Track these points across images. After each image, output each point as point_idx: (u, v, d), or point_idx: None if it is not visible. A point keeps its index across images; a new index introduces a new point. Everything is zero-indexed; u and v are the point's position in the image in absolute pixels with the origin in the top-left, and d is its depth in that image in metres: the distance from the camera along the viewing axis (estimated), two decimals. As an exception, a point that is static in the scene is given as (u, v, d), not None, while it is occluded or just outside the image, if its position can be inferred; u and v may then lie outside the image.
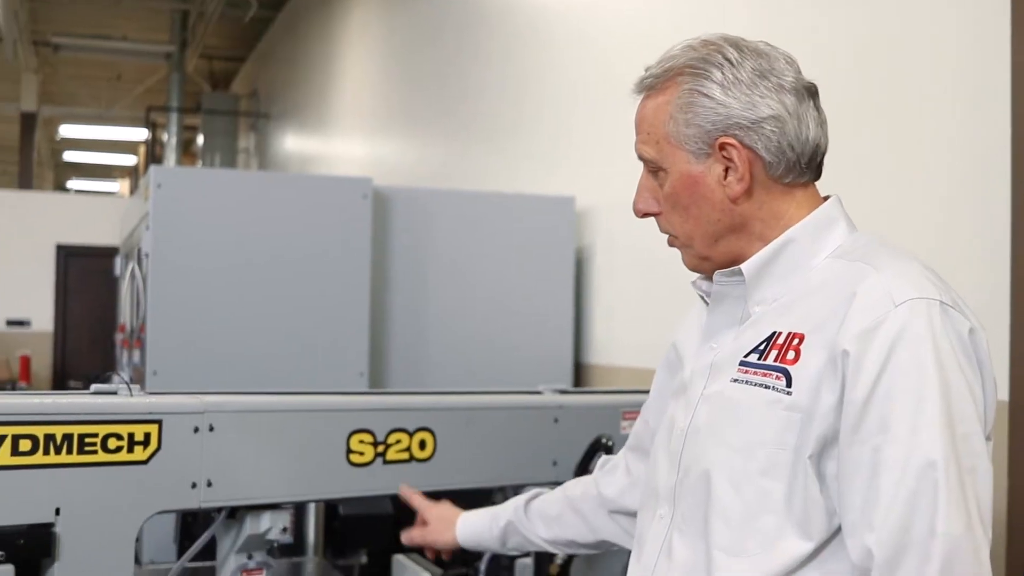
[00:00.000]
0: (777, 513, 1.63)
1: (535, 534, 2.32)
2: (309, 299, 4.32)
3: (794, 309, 1.70)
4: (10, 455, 2.03)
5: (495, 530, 2.37)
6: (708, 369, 1.79)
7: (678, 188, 1.76)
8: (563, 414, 2.86)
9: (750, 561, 1.64)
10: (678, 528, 1.75)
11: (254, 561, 2.45)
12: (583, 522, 2.26)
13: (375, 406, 2.57)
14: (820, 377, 1.60)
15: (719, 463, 1.69)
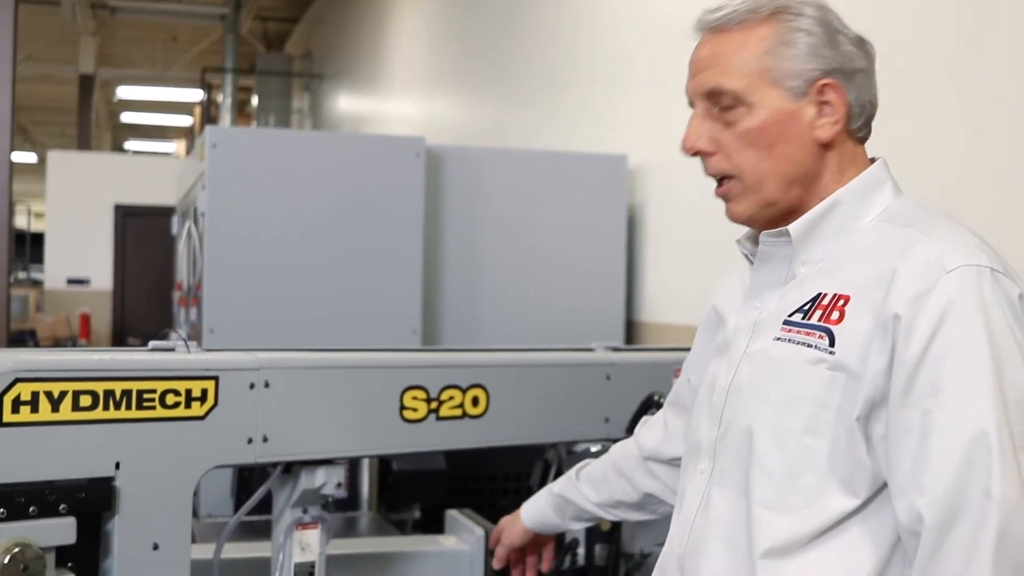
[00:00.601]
0: (819, 470, 1.64)
1: (586, 499, 2.34)
2: (362, 257, 4.35)
3: (840, 271, 1.70)
4: (71, 410, 2.07)
5: (552, 504, 2.40)
6: (751, 328, 1.79)
7: (767, 124, 1.73)
8: (615, 371, 2.86)
9: (792, 517, 1.65)
10: (717, 483, 1.76)
11: (309, 515, 2.48)
12: (626, 481, 2.28)
13: (428, 363, 2.59)
14: (868, 340, 1.60)
15: (761, 420, 1.70)
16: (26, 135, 22.02)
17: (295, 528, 2.47)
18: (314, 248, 4.30)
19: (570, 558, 2.83)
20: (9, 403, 1.99)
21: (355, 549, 2.98)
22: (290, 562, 2.47)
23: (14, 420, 2.00)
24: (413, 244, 4.41)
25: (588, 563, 2.87)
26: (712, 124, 1.76)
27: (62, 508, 2.05)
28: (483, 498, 3.71)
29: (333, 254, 4.31)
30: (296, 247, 4.28)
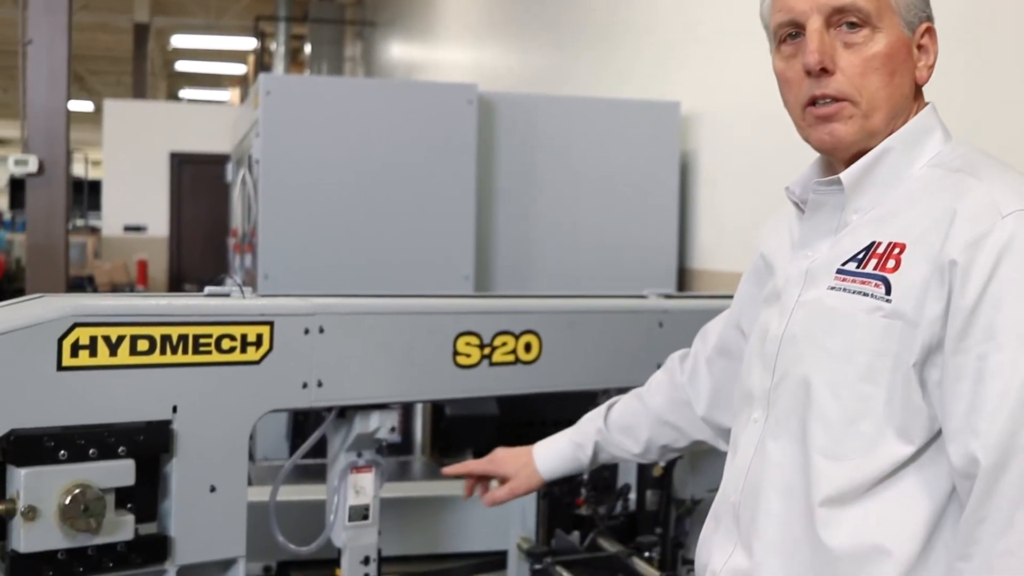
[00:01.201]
0: (876, 418, 1.63)
1: (626, 451, 2.33)
2: (415, 203, 4.35)
3: (894, 219, 1.68)
4: (129, 355, 2.10)
5: (583, 457, 2.36)
6: (803, 276, 1.78)
7: (893, 51, 1.70)
8: (668, 318, 2.85)
9: (850, 465, 1.64)
10: (772, 432, 1.76)
11: (363, 459, 2.50)
12: (674, 430, 2.28)
13: (481, 309, 2.60)
14: (925, 287, 1.59)
15: (818, 369, 1.69)
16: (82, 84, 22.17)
17: (349, 472, 2.49)
18: (367, 194, 4.31)
19: (621, 503, 2.84)
20: (68, 347, 2.02)
21: (408, 493, 3.02)
22: (345, 505, 2.50)
23: (73, 364, 2.03)
24: (465, 191, 4.41)
25: (639, 508, 2.88)
26: (835, 44, 1.70)
27: (121, 451, 2.08)
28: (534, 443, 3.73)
29: (386, 200, 4.32)
30: (349, 193, 4.29)
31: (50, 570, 2.02)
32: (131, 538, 2.10)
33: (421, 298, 2.57)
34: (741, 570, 1.76)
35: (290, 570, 2.76)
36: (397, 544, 2.79)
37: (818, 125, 1.74)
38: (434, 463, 3.81)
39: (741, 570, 1.76)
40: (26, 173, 6.64)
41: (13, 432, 1.97)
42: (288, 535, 2.45)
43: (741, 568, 1.76)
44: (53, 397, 2.01)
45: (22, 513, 1.97)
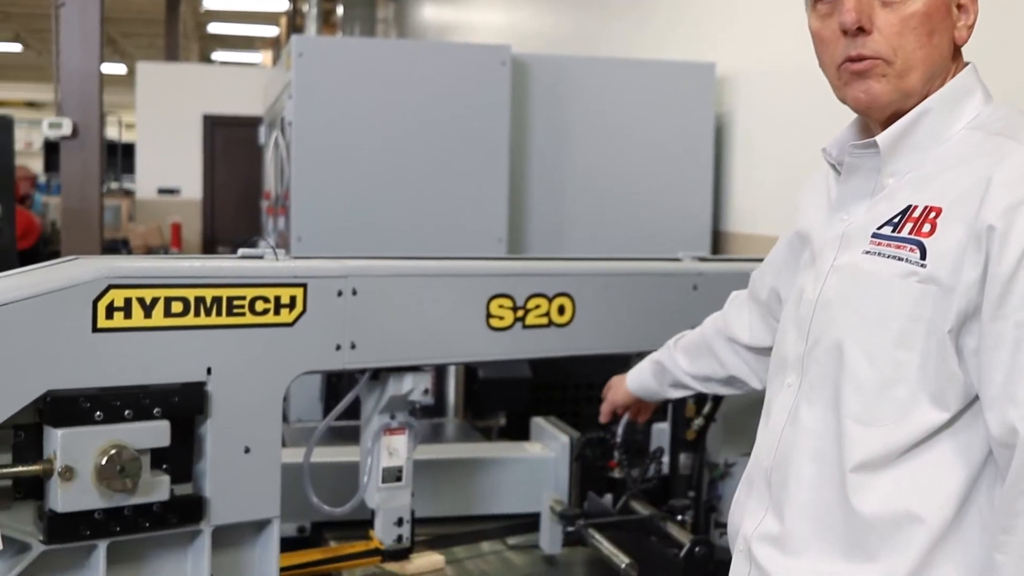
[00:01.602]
0: (910, 384, 1.62)
1: (680, 370, 2.42)
2: (448, 166, 4.34)
3: (931, 182, 1.66)
4: (163, 316, 2.10)
5: (652, 372, 2.50)
6: (839, 240, 1.76)
7: (931, 11, 1.67)
8: (702, 281, 2.84)
9: (883, 431, 1.63)
10: (805, 397, 1.75)
11: (397, 421, 2.51)
12: (715, 359, 2.33)
13: (515, 271, 2.59)
14: (961, 252, 1.57)
15: (852, 334, 1.67)
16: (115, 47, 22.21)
17: (383, 433, 2.50)
18: (400, 156, 4.30)
19: (655, 466, 2.84)
20: (103, 309, 2.03)
21: (442, 455, 3.02)
22: (378, 466, 2.51)
23: (108, 326, 2.04)
24: (499, 153, 4.39)
25: (672, 472, 2.88)
26: (867, 1, 1.68)
27: (156, 412, 2.10)
28: (567, 406, 3.73)
29: (419, 162, 4.32)
30: (382, 155, 4.28)
31: (87, 529, 2.04)
32: (167, 498, 2.12)
33: (454, 260, 2.57)
34: (772, 535, 1.76)
35: (324, 531, 2.77)
36: (430, 506, 2.80)
37: (853, 82, 1.71)
38: (467, 425, 3.82)
39: (772, 535, 1.76)
40: (60, 136, 6.67)
41: (49, 393, 1.99)
42: (322, 496, 2.46)
43: (772, 533, 1.76)
44: (88, 359, 2.02)
45: (59, 473, 1.98)
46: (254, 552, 2.31)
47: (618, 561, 2.53)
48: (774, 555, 1.74)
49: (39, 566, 2.04)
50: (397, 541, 2.56)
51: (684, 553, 2.49)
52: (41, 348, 1.97)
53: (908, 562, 1.60)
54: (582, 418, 3.35)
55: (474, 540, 2.87)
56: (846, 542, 1.66)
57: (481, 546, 2.87)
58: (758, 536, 1.78)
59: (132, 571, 2.16)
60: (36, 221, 11.00)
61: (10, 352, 1.93)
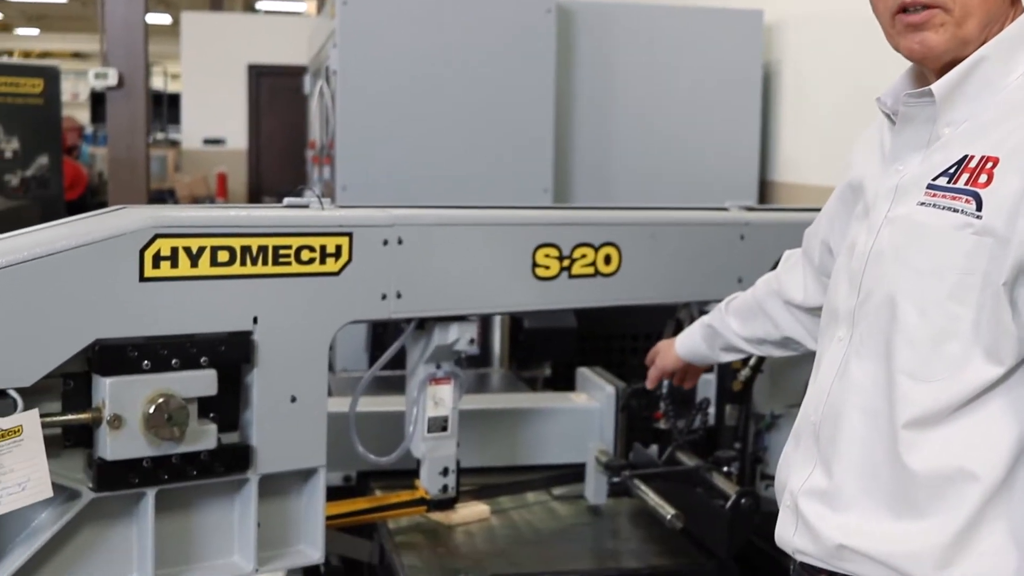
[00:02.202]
0: (964, 338, 1.58)
1: (732, 332, 2.37)
2: (494, 114, 4.32)
3: (988, 132, 1.61)
4: (209, 265, 2.10)
5: (703, 335, 2.44)
6: (893, 192, 1.71)
7: None
8: (749, 231, 2.81)
9: (936, 386, 1.60)
10: (856, 351, 1.71)
11: (442, 371, 2.51)
12: (769, 320, 2.28)
13: (561, 220, 2.57)
14: (1018, 203, 1.53)
15: (905, 287, 1.64)
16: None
17: (428, 383, 2.50)
18: (445, 105, 4.28)
19: (701, 417, 2.82)
20: (150, 258, 2.03)
21: (487, 405, 3.03)
22: (424, 416, 2.51)
23: (155, 275, 2.04)
24: (544, 102, 4.36)
25: (718, 423, 2.87)
26: None
27: (203, 361, 2.10)
28: (613, 356, 3.72)
29: (464, 111, 4.30)
30: (427, 104, 4.27)
31: (136, 477, 2.05)
32: (214, 447, 2.13)
33: (500, 210, 2.55)
34: (819, 490, 1.73)
35: (369, 480, 2.79)
36: (475, 455, 2.81)
37: (908, 33, 1.67)
38: (512, 375, 3.82)
39: (819, 490, 1.73)
40: (106, 86, 6.70)
41: (98, 342, 2.00)
42: (368, 446, 2.47)
43: (819, 488, 1.73)
44: (136, 308, 2.03)
45: (108, 421, 2.00)
46: (300, 501, 2.32)
47: (663, 512, 2.52)
48: (821, 510, 1.72)
49: (89, 513, 2.06)
50: (442, 491, 2.57)
51: (730, 504, 2.48)
52: (89, 297, 1.97)
53: (959, 519, 1.58)
54: (627, 369, 3.33)
55: (519, 490, 2.88)
56: (894, 499, 1.64)
57: (526, 496, 2.88)
58: (805, 491, 1.76)
59: (180, 519, 2.18)
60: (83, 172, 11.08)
61: (59, 301, 1.94)
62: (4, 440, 1.88)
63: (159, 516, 2.11)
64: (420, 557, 2.48)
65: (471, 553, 2.53)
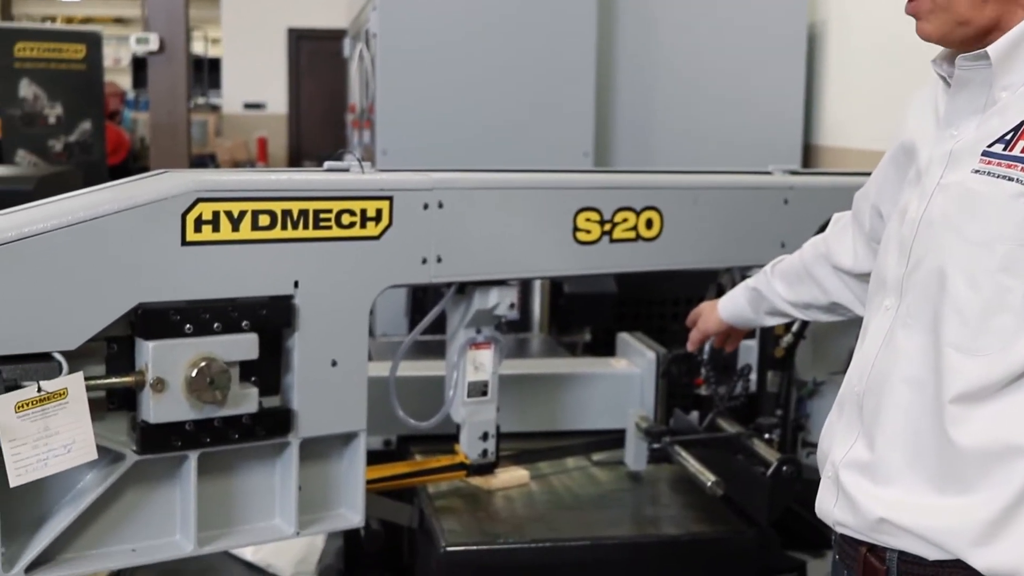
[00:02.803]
0: (1015, 312, 1.54)
1: (778, 296, 2.33)
2: (534, 78, 4.30)
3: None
4: (251, 229, 2.10)
5: (748, 299, 2.41)
6: (946, 157, 1.67)
7: None
8: (793, 195, 2.78)
9: (984, 360, 1.56)
10: (903, 321, 1.68)
11: (482, 335, 2.51)
12: (816, 286, 2.24)
13: (602, 184, 2.55)
14: None
15: (955, 257, 1.60)
16: (201, -40, 22.26)
17: (469, 348, 2.50)
18: (485, 69, 4.26)
19: (742, 383, 2.81)
20: (192, 222, 2.04)
21: (527, 369, 3.02)
22: (464, 381, 2.51)
23: (197, 239, 2.05)
24: (585, 65, 4.33)
25: (760, 389, 2.85)
26: None
27: (244, 325, 2.11)
28: (653, 322, 3.71)
29: (505, 75, 4.27)
30: (467, 68, 4.25)
31: (178, 440, 2.07)
32: (255, 411, 2.14)
33: (541, 173, 2.54)
34: (861, 462, 1.71)
35: (409, 445, 2.79)
36: (515, 420, 2.81)
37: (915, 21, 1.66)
38: (552, 340, 3.81)
39: (861, 462, 1.71)
40: (147, 51, 6.73)
41: (141, 306, 2.00)
42: (408, 410, 2.47)
43: (861, 460, 1.71)
44: (178, 271, 2.03)
45: (151, 385, 2.01)
46: (341, 465, 2.33)
47: (704, 479, 2.51)
48: (862, 483, 1.70)
49: (133, 475, 2.08)
50: (482, 455, 2.57)
51: (771, 472, 2.46)
52: (132, 261, 1.98)
53: (1006, 496, 1.55)
54: (668, 335, 3.32)
55: (559, 456, 2.88)
56: (939, 474, 1.61)
57: (566, 462, 2.88)
58: (846, 463, 1.73)
59: (222, 482, 2.19)
60: (125, 137, 11.13)
61: (102, 265, 1.95)
62: (50, 403, 1.90)
63: (201, 479, 2.12)
64: (460, 521, 2.48)
65: (510, 518, 2.53)
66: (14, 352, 1.90)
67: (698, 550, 2.47)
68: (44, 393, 1.89)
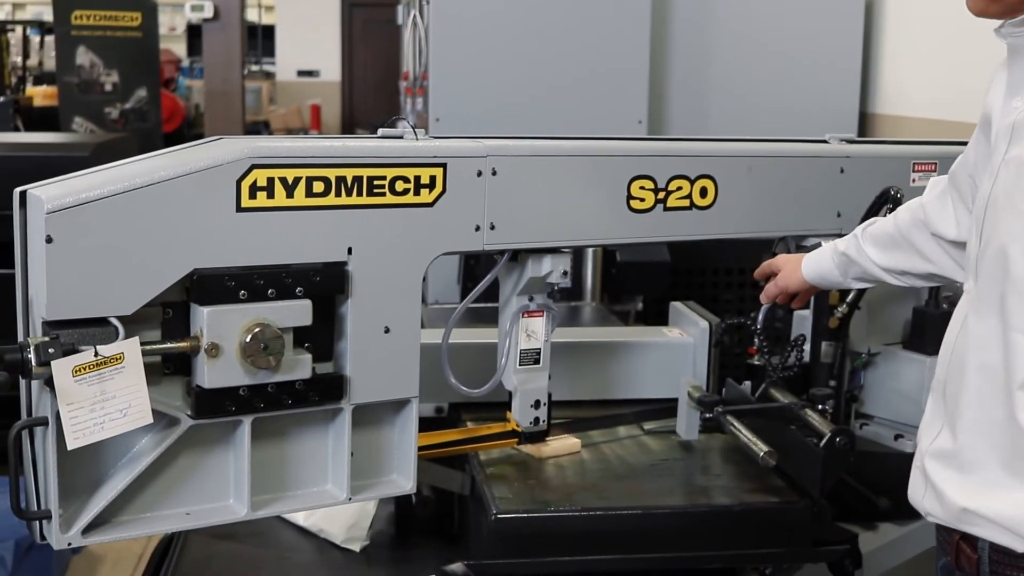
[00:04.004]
0: None
1: (870, 260, 2.26)
2: (589, 45, 4.28)
3: None
4: (304, 196, 2.11)
5: (837, 263, 2.35)
6: (1010, 130, 1.62)
7: None
8: (849, 164, 2.75)
9: None
10: (974, 306, 1.64)
11: (535, 303, 2.50)
12: (915, 252, 2.15)
13: (656, 152, 2.53)
14: None
15: (1015, 237, 1.55)
16: (255, -72, 22.30)
17: (521, 315, 2.49)
18: (539, 36, 4.25)
19: (795, 354, 2.79)
20: (246, 188, 2.04)
21: (579, 338, 3.02)
22: (516, 348, 2.51)
23: (251, 205, 2.05)
24: (640, 32, 4.30)
25: (813, 360, 2.83)
26: None
27: (298, 291, 2.11)
28: (706, 291, 3.69)
29: (559, 42, 4.25)
30: (521, 35, 4.23)
31: (233, 405, 2.08)
32: (308, 376, 2.15)
33: (595, 140, 2.52)
34: (945, 452, 1.68)
35: (461, 412, 2.80)
36: (567, 389, 2.80)
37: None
38: (604, 309, 3.80)
39: (945, 452, 1.68)
40: (202, 19, 6.76)
41: (196, 272, 2.02)
42: (459, 377, 2.47)
43: (945, 450, 1.68)
44: (232, 238, 2.04)
45: (205, 350, 2.02)
46: (393, 431, 2.34)
47: (756, 449, 2.50)
48: (945, 473, 1.67)
49: (187, 440, 2.10)
50: (534, 423, 2.57)
51: (824, 443, 2.44)
52: (187, 227, 1.99)
53: None
54: (720, 304, 3.30)
55: (611, 424, 2.87)
56: (1014, 460, 1.57)
57: (617, 431, 2.87)
58: (932, 453, 1.70)
59: (275, 447, 2.21)
60: (180, 104, 11.21)
61: (158, 231, 1.96)
62: (106, 367, 1.92)
63: (255, 444, 2.14)
64: (511, 489, 2.49)
65: (561, 486, 2.53)
66: (72, 317, 1.92)
67: (749, 520, 2.46)
68: (101, 358, 1.91)
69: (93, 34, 9.53)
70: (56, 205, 1.87)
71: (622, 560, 2.39)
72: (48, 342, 1.87)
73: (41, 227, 1.87)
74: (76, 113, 9.68)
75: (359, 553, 2.59)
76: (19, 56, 12.75)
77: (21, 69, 12.68)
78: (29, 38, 13.29)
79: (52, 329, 1.90)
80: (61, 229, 1.87)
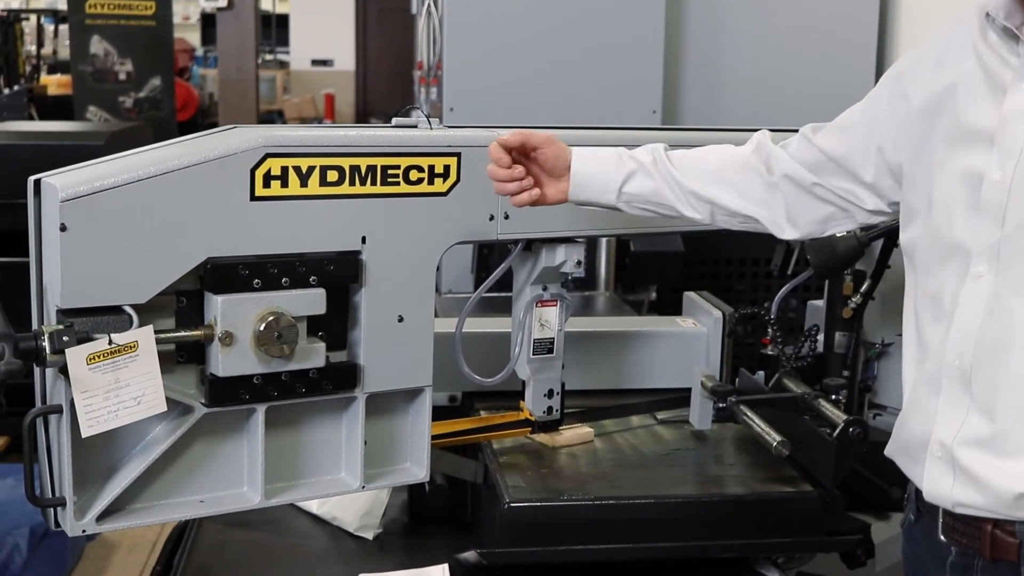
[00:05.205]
0: None
1: (677, 183, 2.13)
2: (602, 36, 4.27)
3: None
4: (319, 185, 2.11)
5: (621, 166, 2.13)
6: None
7: None
8: (864, 154, 2.73)
9: None
10: (1013, 288, 1.62)
11: (548, 293, 2.50)
12: (733, 191, 2.12)
13: (671, 142, 2.52)
14: None
15: None
16: (269, -83, 22.30)
17: (535, 305, 2.49)
18: (554, 26, 4.24)
19: (809, 344, 2.79)
20: (260, 177, 2.05)
21: (593, 327, 3.01)
22: (529, 338, 2.51)
23: (265, 194, 2.06)
24: (654, 21, 4.30)
25: (827, 350, 2.82)
26: None
27: (312, 280, 2.12)
28: (720, 281, 3.68)
29: (573, 31, 4.25)
30: (535, 25, 4.23)
31: (246, 393, 2.09)
32: (322, 365, 2.15)
33: (609, 130, 2.52)
34: (981, 438, 1.65)
35: (474, 401, 2.80)
36: (580, 378, 2.80)
37: None
38: (618, 298, 3.80)
39: (981, 438, 1.65)
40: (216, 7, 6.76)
41: (209, 260, 2.02)
42: (473, 366, 2.48)
43: (982, 436, 1.65)
44: (246, 226, 2.05)
45: (219, 339, 2.03)
46: (406, 420, 2.34)
47: (769, 439, 2.50)
48: (987, 459, 1.65)
49: (201, 428, 2.10)
50: (547, 412, 2.57)
51: (837, 433, 2.44)
52: (201, 216, 2.00)
53: None
54: (734, 294, 3.30)
55: (624, 414, 2.87)
56: None
57: (631, 420, 2.87)
58: (962, 441, 1.68)
59: (289, 435, 2.22)
60: (194, 93, 11.22)
61: (172, 219, 1.97)
62: (120, 355, 1.92)
63: (269, 432, 2.15)
64: (524, 478, 2.49)
65: (574, 475, 2.53)
66: (86, 305, 1.93)
67: (762, 510, 2.46)
68: (115, 346, 1.92)
69: (107, 23, 9.55)
70: (70, 193, 1.88)
71: (634, 549, 2.39)
72: (62, 330, 1.88)
73: (56, 215, 1.88)
74: (90, 102, 9.70)
75: (372, 541, 2.60)
76: (33, 45, 12.78)
77: (35, 58, 12.71)
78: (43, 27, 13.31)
79: (66, 317, 1.91)
80: (75, 217, 1.88)
